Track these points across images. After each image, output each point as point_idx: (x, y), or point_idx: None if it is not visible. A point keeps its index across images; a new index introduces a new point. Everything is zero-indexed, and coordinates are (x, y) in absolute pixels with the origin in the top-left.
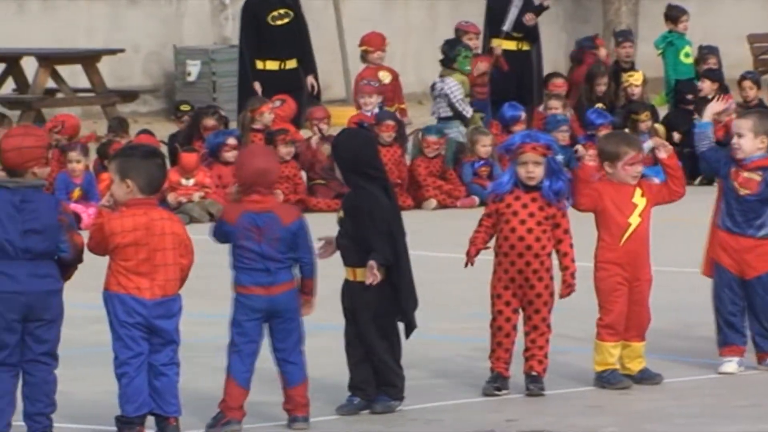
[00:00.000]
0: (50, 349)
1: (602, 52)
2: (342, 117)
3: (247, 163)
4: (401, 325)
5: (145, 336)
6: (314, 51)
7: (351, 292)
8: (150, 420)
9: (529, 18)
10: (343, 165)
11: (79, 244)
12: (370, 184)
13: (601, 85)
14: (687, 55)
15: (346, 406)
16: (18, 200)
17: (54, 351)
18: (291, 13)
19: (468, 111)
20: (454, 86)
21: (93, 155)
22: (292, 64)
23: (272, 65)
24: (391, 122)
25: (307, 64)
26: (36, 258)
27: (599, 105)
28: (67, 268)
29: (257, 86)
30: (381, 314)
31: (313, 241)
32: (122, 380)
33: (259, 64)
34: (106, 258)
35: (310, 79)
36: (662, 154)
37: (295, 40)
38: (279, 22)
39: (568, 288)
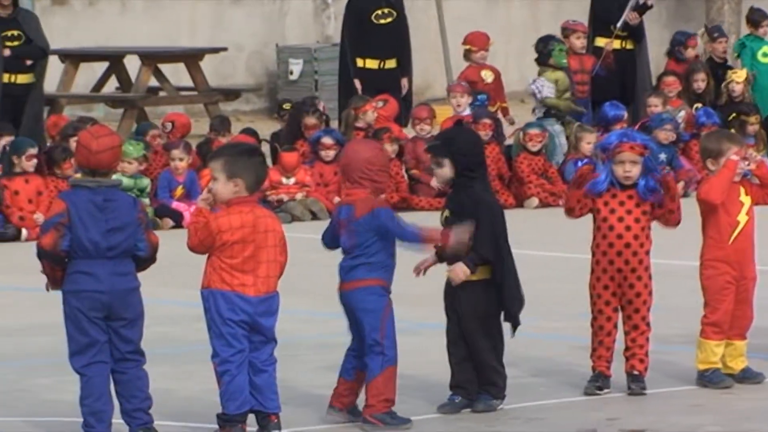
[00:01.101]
0: (136, 347)
1: (690, 53)
2: (444, 116)
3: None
4: (506, 324)
5: (247, 333)
6: (416, 50)
7: (455, 292)
8: (250, 418)
9: (632, 17)
10: (459, 163)
11: (155, 242)
12: (476, 183)
13: (699, 81)
14: (765, 54)
15: (447, 405)
16: (101, 200)
17: (139, 348)
18: (394, 12)
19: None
20: (542, 85)
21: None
22: (391, 63)
23: (372, 64)
24: (488, 120)
25: (404, 66)
26: (116, 257)
27: (698, 105)
28: (141, 266)
29: (358, 83)
30: (485, 314)
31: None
32: (224, 378)
33: (360, 62)
34: (204, 256)
35: (404, 81)
36: (752, 166)
37: (396, 40)
38: (382, 21)
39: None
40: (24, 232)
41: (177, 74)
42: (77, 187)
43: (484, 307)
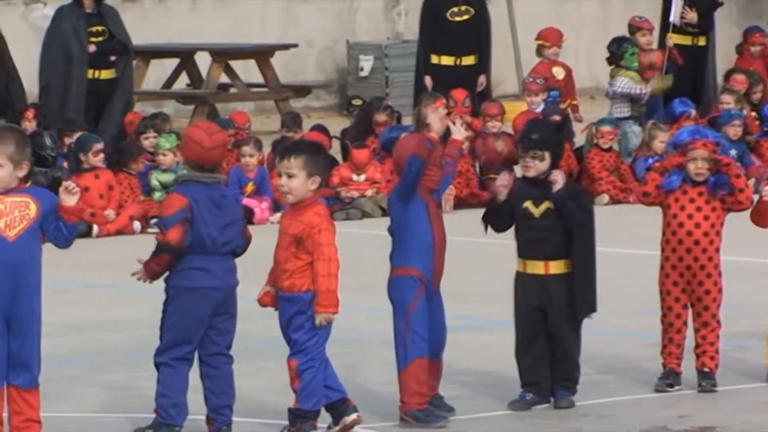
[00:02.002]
0: (230, 342)
1: (754, 49)
2: (514, 113)
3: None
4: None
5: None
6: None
7: (541, 287)
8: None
9: (689, 15)
10: (556, 157)
11: (250, 237)
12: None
13: (757, 93)
14: None
15: (518, 401)
16: (218, 196)
17: (231, 344)
18: (472, 10)
19: (644, 91)
20: (625, 84)
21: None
22: (469, 60)
23: (447, 60)
24: (557, 117)
25: (483, 62)
26: (227, 252)
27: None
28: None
29: (428, 80)
30: (573, 307)
31: None
32: (306, 375)
33: (434, 59)
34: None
35: (481, 78)
36: None
37: (474, 37)
38: (458, 18)
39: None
40: (95, 228)
41: (247, 71)
42: (192, 183)
43: (571, 301)
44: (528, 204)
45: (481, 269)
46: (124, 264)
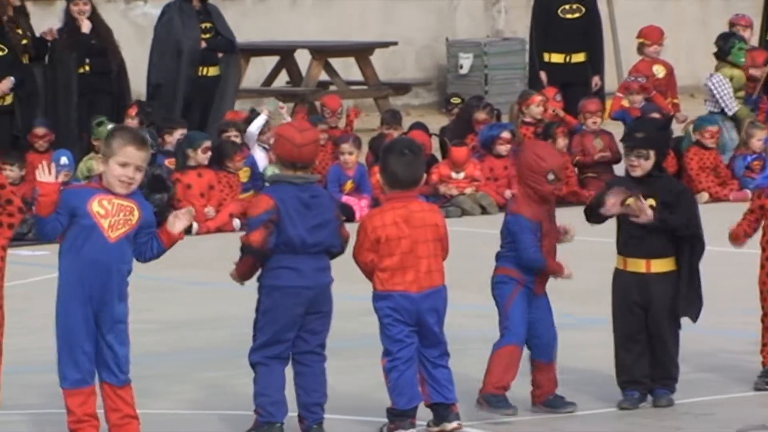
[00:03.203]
0: (323, 341)
1: None
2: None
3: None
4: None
5: (414, 330)
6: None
7: (642, 285)
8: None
9: None
10: (661, 155)
11: (347, 237)
12: (666, 173)
13: None
14: None
15: (626, 401)
16: (308, 196)
17: (325, 342)
18: (583, 8)
19: (730, 108)
20: (719, 82)
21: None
22: (579, 57)
23: (557, 58)
24: (657, 115)
25: (596, 61)
26: (318, 252)
27: None
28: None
29: (543, 75)
30: (675, 306)
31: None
32: (392, 374)
33: (546, 57)
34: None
35: (596, 79)
36: None
37: (585, 35)
38: (569, 16)
39: None
40: (194, 226)
41: (347, 68)
42: (282, 183)
43: (674, 299)
44: (631, 201)
45: (580, 267)
46: (223, 262)
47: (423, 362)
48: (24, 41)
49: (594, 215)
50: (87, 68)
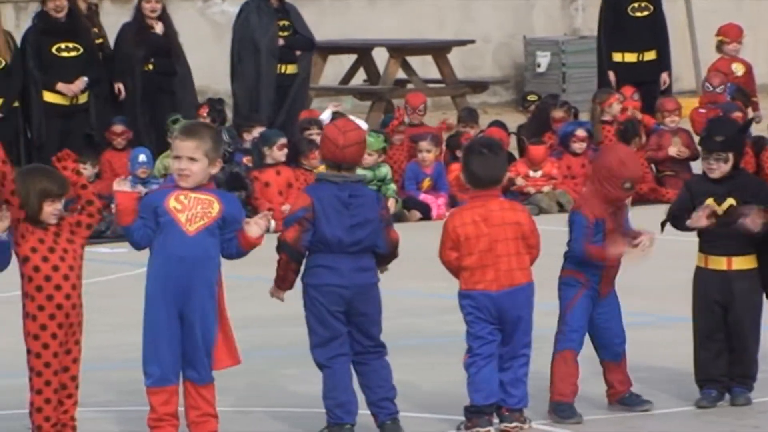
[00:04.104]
0: (377, 339)
1: None
2: (690, 108)
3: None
4: None
5: (495, 327)
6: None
7: (723, 282)
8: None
9: None
10: (738, 158)
11: (395, 239)
12: (744, 172)
13: None
14: None
15: (704, 399)
16: (346, 195)
17: (380, 340)
18: (651, 6)
19: None
20: None
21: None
22: (650, 56)
23: (630, 57)
24: (739, 114)
25: (664, 59)
26: (358, 252)
27: None
28: (381, 262)
29: (611, 75)
30: (758, 304)
31: None
32: (470, 370)
33: (617, 56)
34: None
35: (664, 76)
36: None
37: (653, 33)
38: (638, 14)
39: None
40: (272, 223)
41: (424, 66)
42: (323, 182)
43: (759, 296)
44: (711, 201)
45: (659, 265)
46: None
47: (501, 360)
48: (99, 40)
49: (673, 218)
50: (151, 67)
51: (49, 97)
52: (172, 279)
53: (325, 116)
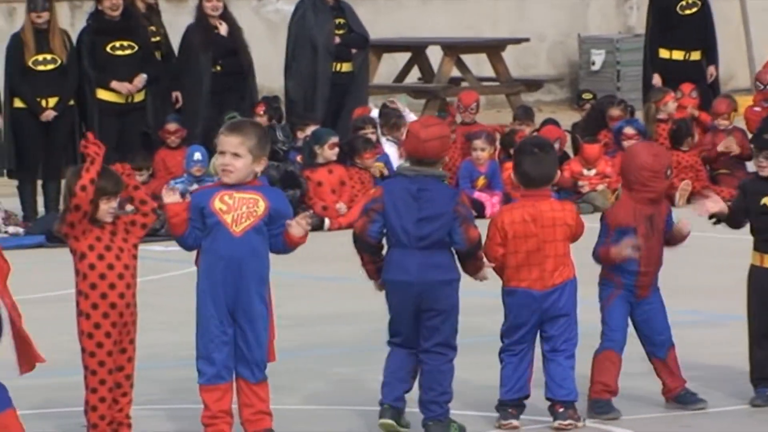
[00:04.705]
0: (443, 340)
1: None
2: (745, 106)
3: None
4: None
5: (533, 326)
6: (719, 41)
7: None
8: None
9: None
10: None
11: (473, 237)
12: None
13: None
14: None
15: (759, 397)
16: (416, 189)
17: (448, 341)
18: (699, 2)
19: None
20: None
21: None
22: (696, 55)
23: (678, 55)
24: None
25: (711, 53)
26: (429, 247)
27: None
28: (465, 260)
29: (656, 78)
30: None
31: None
32: (501, 365)
33: (664, 53)
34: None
35: (711, 69)
36: None
37: (702, 30)
38: (687, 12)
39: None
40: (326, 221)
41: (479, 65)
42: (398, 175)
43: None
44: (766, 200)
45: (712, 264)
46: (354, 257)
47: (543, 357)
48: (156, 38)
49: (734, 224)
50: (218, 68)
51: (104, 95)
52: (221, 279)
53: (374, 114)
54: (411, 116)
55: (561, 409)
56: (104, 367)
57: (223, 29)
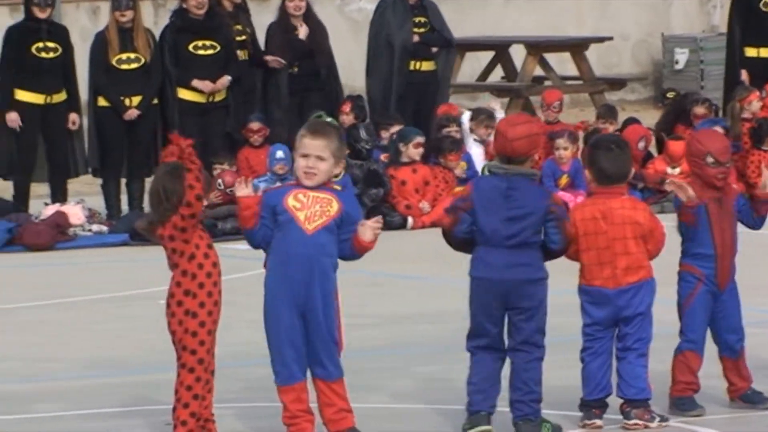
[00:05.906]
0: (529, 338)
1: None
2: None
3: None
4: None
5: (608, 324)
6: None
7: None
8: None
9: None
10: None
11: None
12: None
13: None
14: None
15: None
16: (505, 187)
17: (532, 339)
18: None
19: None
20: None
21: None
22: None
23: (765, 52)
24: None
25: None
26: (517, 246)
27: None
28: (549, 258)
29: (744, 74)
30: None
31: None
32: (582, 364)
33: (751, 51)
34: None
35: None
36: None
37: None
38: None
39: None
40: (409, 220)
41: (562, 63)
42: (490, 174)
43: None
44: None
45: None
46: (438, 256)
47: (616, 356)
48: (242, 38)
49: None
50: (295, 69)
51: (185, 94)
52: (291, 277)
53: (465, 118)
54: (501, 114)
55: (628, 409)
56: (202, 365)
57: (302, 32)
